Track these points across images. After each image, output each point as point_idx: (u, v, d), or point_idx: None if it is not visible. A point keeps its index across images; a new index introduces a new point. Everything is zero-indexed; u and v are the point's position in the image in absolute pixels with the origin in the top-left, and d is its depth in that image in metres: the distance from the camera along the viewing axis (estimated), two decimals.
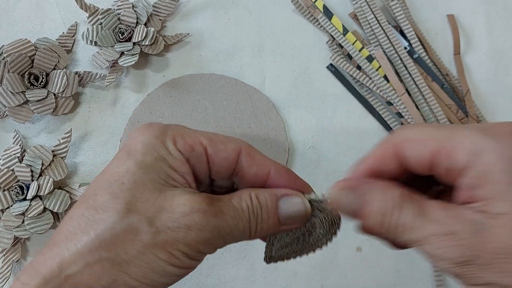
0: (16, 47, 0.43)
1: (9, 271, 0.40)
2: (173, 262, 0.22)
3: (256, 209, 0.24)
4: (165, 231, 0.22)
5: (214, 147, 0.25)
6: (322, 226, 0.26)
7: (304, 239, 0.26)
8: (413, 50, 0.46)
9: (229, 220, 0.23)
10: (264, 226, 0.25)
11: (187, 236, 0.22)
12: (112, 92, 0.45)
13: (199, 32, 0.47)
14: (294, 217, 0.25)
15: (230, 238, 0.24)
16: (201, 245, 0.23)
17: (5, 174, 0.40)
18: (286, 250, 0.26)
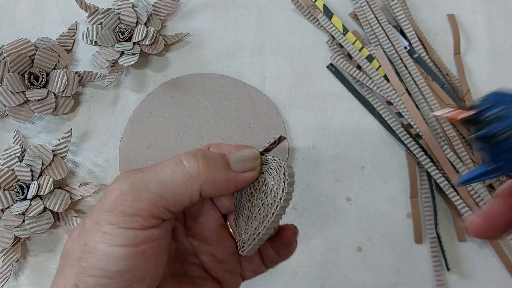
0: (16, 46, 0.43)
1: (9, 271, 0.40)
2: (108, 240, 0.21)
3: (196, 151, 0.24)
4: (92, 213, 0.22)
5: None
6: (270, 177, 0.24)
7: (263, 202, 0.24)
8: (413, 50, 0.46)
9: (147, 170, 0.23)
10: (210, 164, 0.23)
11: (104, 205, 0.22)
12: (112, 92, 0.45)
13: (199, 32, 0.47)
14: (244, 160, 0.25)
15: (155, 185, 0.22)
16: (119, 205, 0.21)
17: (5, 173, 0.40)
18: (253, 224, 0.24)
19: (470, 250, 0.41)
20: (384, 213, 0.42)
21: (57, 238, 0.42)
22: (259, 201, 0.24)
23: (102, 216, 0.22)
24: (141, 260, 0.22)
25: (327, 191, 0.43)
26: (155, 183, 0.22)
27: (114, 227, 0.21)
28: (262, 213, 0.24)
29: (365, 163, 0.44)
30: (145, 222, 0.22)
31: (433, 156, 0.43)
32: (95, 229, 0.21)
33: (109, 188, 0.22)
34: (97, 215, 0.22)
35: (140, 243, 0.22)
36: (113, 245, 0.21)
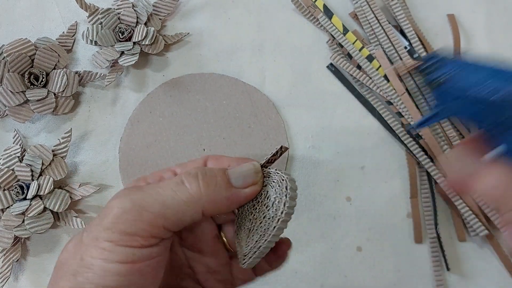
0: (16, 46, 0.43)
1: (9, 271, 0.40)
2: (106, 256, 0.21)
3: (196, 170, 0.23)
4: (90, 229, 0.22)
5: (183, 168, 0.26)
6: (273, 190, 0.24)
7: (265, 215, 0.24)
8: (413, 50, 0.46)
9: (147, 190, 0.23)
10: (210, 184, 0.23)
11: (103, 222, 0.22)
12: (112, 92, 0.45)
13: (199, 32, 0.47)
14: (246, 175, 0.24)
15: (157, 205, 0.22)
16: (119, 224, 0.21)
17: (5, 173, 0.40)
18: (254, 237, 0.24)
19: (470, 250, 0.41)
20: (384, 213, 0.42)
21: (57, 238, 0.42)
22: (260, 214, 0.24)
23: (100, 233, 0.22)
24: (137, 277, 0.22)
25: (327, 191, 0.43)
26: (156, 204, 0.22)
27: (113, 244, 0.21)
28: (264, 227, 0.24)
29: (365, 163, 0.44)
30: (144, 241, 0.22)
31: (433, 156, 0.43)
32: (92, 245, 0.21)
33: (109, 205, 0.22)
34: (96, 231, 0.22)
35: (138, 260, 0.22)
36: (111, 261, 0.21)
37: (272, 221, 0.23)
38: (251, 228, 0.24)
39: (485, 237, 0.41)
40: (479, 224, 0.40)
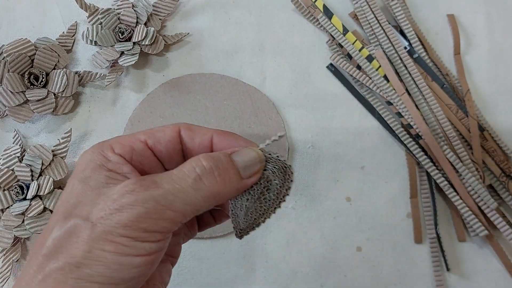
0: (16, 46, 0.43)
1: (9, 271, 0.40)
2: (122, 251, 0.21)
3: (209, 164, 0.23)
4: (100, 222, 0.21)
5: (153, 138, 0.26)
6: (275, 175, 0.26)
7: (265, 196, 0.26)
8: (413, 50, 0.46)
9: (166, 186, 0.22)
10: (226, 180, 0.24)
11: (120, 219, 0.21)
12: (112, 92, 0.45)
13: (199, 32, 0.47)
14: (251, 164, 0.25)
15: (179, 204, 0.22)
16: (141, 223, 0.21)
17: (5, 173, 0.40)
18: (253, 216, 0.26)
19: (470, 250, 0.41)
20: (384, 213, 0.42)
21: None
22: (260, 195, 0.26)
23: (116, 229, 0.21)
24: (149, 267, 0.22)
25: (327, 191, 0.43)
26: (178, 202, 0.22)
27: (130, 240, 0.21)
28: (264, 207, 0.26)
29: (365, 163, 0.44)
30: (162, 236, 0.22)
31: (433, 156, 0.43)
32: (104, 238, 0.21)
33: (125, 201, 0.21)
34: (108, 226, 0.21)
35: (153, 253, 0.22)
36: (127, 255, 0.21)
37: (273, 202, 0.26)
38: (249, 207, 0.26)
39: (485, 237, 0.41)
40: (479, 224, 0.40)
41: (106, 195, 0.22)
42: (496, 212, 0.41)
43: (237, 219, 0.26)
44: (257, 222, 0.26)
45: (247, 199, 0.26)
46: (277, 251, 0.42)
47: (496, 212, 0.41)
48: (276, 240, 0.42)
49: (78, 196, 0.23)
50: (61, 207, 0.23)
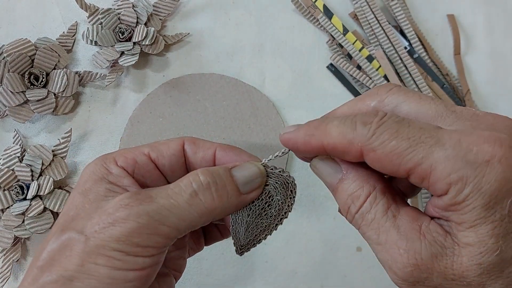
0: (16, 46, 0.43)
1: (9, 271, 0.40)
2: (115, 265, 0.21)
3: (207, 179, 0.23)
4: (93, 236, 0.21)
5: (156, 151, 0.25)
6: (277, 191, 0.25)
7: (266, 212, 0.25)
8: (413, 50, 0.46)
9: (161, 201, 0.22)
10: (223, 196, 0.23)
11: (113, 233, 0.21)
12: (112, 92, 0.45)
13: (199, 32, 0.47)
14: (251, 180, 0.24)
15: (173, 219, 0.22)
16: (134, 237, 0.21)
17: (5, 173, 0.40)
18: (254, 232, 0.26)
19: None
20: None
21: None
22: (261, 210, 0.25)
23: (109, 243, 0.21)
24: (143, 283, 0.22)
25: (326, 191, 0.43)
26: (172, 218, 0.22)
27: (123, 254, 0.21)
28: (265, 223, 0.25)
29: None
30: (155, 251, 0.22)
31: None
32: (96, 252, 0.21)
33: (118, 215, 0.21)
34: (100, 240, 0.21)
35: (147, 267, 0.22)
36: (119, 269, 0.21)
37: (275, 219, 0.25)
38: (249, 222, 0.25)
39: None
40: None
41: (102, 208, 0.22)
42: None
43: (238, 235, 0.26)
44: (258, 238, 0.26)
45: (248, 215, 0.25)
46: (277, 251, 0.42)
47: None
48: (275, 240, 0.42)
49: (77, 209, 0.23)
50: (60, 219, 0.23)
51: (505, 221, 0.18)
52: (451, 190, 0.18)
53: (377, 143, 0.20)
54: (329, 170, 0.23)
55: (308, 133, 0.23)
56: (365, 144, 0.20)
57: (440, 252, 0.19)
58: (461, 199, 0.18)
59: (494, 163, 0.18)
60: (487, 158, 0.18)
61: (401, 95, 0.22)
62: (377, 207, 0.21)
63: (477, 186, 0.18)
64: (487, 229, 0.18)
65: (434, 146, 0.19)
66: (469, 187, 0.18)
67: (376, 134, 0.20)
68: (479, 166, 0.18)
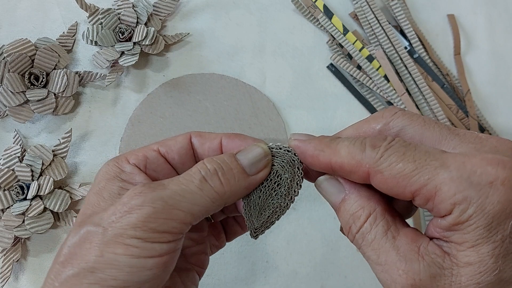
0: (16, 47, 0.43)
1: (9, 271, 0.40)
2: (133, 252, 0.21)
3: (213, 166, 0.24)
4: (111, 226, 0.22)
5: (165, 146, 0.26)
6: (284, 169, 0.25)
7: (276, 192, 0.26)
8: (414, 50, 0.46)
9: (173, 187, 0.23)
10: (231, 179, 0.24)
11: (130, 220, 0.21)
12: (113, 92, 0.45)
13: (200, 32, 0.47)
14: (257, 161, 0.25)
15: (187, 204, 0.22)
16: (151, 222, 0.21)
17: (6, 174, 0.40)
18: (266, 213, 0.26)
19: None
20: None
21: (57, 238, 0.42)
22: (271, 191, 0.26)
23: (126, 230, 0.21)
24: (162, 269, 0.22)
25: None
26: (185, 202, 0.23)
27: (141, 241, 0.21)
28: (276, 203, 0.26)
29: None
30: (172, 237, 0.22)
31: None
32: (115, 241, 0.21)
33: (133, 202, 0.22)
34: (118, 228, 0.21)
35: (165, 254, 0.22)
36: (138, 257, 0.21)
37: (285, 198, 0.26)
38: (261, 204, 0.26)
39: None
40: None
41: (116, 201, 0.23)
42: None
43: (251, 218, 0.26)
44: (271, 219, 0.26)
45: (259, 196, 0.26)
46: (277, 252, 0.42)
47: None
48: (276, 241, 0.42)
49: (93, 207, 0.24)
50: (78, 218, 0.24)
51: (506, 241, 0.19)
52: (455, 210, 0.19)
53: (385, 165, 0.21)
54: (333, 189, 0.24)
55: (318, 148, 0.24)
56: (373, 166, 0.21)
57: (438, 272, 0.20)
58: (465, 218, 0.19)
59: (497, 185, 0.19)
60: (490, 180, 0.19)
61: (405, 119, 0.23)
62: (377, 228, 0.22)
63: (480, 206, 0.19)
64: (488, 249, 0.19)
65: (439, 168, 0.19)
66: (473, 207, 0.19)
67: (384, 157, 0.21)
68: (482, 187, 0.19)
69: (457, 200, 0.19)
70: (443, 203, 0.19)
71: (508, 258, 0.19)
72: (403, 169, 0.20)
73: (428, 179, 0.20)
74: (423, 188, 0.20)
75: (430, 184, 0.19)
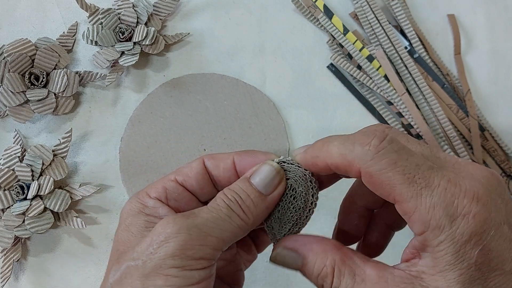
0: (16, 46, 0.43)
1: (9, 271, 0.40)
2: (173, 283, 0.22)
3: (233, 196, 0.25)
4: (149, 258, 0.22)
5: (181, 174, 0.27)
6: (298, 183, 0.26)
7: (293, 205, 0.26)
8: (414, 50, 0.46)
9: (204, 215, 0.23)
10: (250, 206, 0.25)
11: (168, 249, 0.22)
12: (113, 92, 0.45)
13: (200, 32, 0.47)
14: (270, 180, 0.25)
15: (218, 230, 0.23)
16: (188, 250, 0.22)
17: (6, 173, 0.40)
18: (286, 226, 0.26)
19: None
20: None
21: (58, 238, 0.42)
22: (289, 205, 0.26)
23: (165, 260, 0.22)
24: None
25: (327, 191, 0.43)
26: (217, 229, 0.23)
27: (179, 270, 0.22)
28: (295, 216, 0.26)
29: None
30: (207, 263, 0.23)
31: None
32: (155, 273, 0.22)
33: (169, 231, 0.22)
34: (157, 259, 0.22)
35: (202, 280, 0.22)
36: (179, 286, 0.22)
37: (303, 211, 0.26)
38: (281, 218, 0.26)
39: None
40: None
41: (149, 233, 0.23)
42: None
43: (273, 231, 0.27)
44: (292, 231, 0.27)
45: (278, 210, 0.26)
46: None
47: None
48: None
49: (124, 244, 0.24)
50: (112, 256, 0.25)
51: (471, 269, 0.20)
52: (428, 233, 0.21)
53: (374, 169, 0.21)
54: (289, 259, 0.25)
55: (313, 155, 0.25)
56: (363, 166, 0.22)
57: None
58: (435, 243, 0.20)
59: (469, 218, 0.20)
60: (464, 213, 0.20)
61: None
62: (345, 278, 0.23)
63: (451, 235, 0.20)
64: (454, 275, 0.20)
65: (424, 189, 0.21)
66: (444, 235, 0.20)
67: (375, 160, 0.22)
68: (456, 218, 0.20)
69: (431, 225, 0.20)
70: (418, 223, 0.21)
71: (474, 284, 0.20)
72: (391, 179, 0.21)
73: (411, 197, 0.21)
74: (404, 203, 0.21)
75: (412, 202, 0.21)
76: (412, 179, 0.21)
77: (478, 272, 0.20)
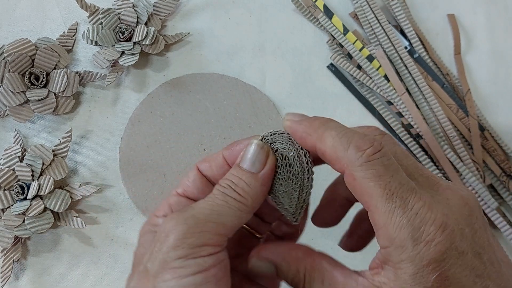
0: (16, 46, 0.43)
1: (9, 271, 0.40)
2: (180, 274, 0.22)
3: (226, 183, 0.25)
4: (155, 256, 0.23)
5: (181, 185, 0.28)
6: (287, 150, 0.26)
7: (292, 172, 0.26)
8: (414, 50, 0.46)
9: (201, 205, 0.24)
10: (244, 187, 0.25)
11: (169, 243, 0.22)
12: (113, 92, 0.45)
13: (200, 32, 0.47)
14: (255, 157, 0.26)
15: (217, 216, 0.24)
16: (187, 239, 0.22)
17: (6, 173, 0.40)
18: (294, 196, 0.26)
19: None
20: None
21: (58, 238, 0.42)
22: (288, 174, 0.26)
23: (168, 254, 0.22)
24: (213, 284, 0.22)
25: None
26: (216, 215, 0.24)
27: (183, 260, 0.22)
28: (298, 182, 0.26)
29: None
30: (212, 249, 0.23)
31: (434, 156, 0.43)
32: (161, 270, 0.22)
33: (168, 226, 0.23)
34: (161, 255, 0.22)
35: (210, 267, 0.22)
36: (186, 276, 0.22)
37: (303, 174, 0.26)
38: (286, 190, 0.26)
39: None
40: None
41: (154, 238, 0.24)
42: (496, 212, 0.41)
43: (284, 206, 0.27)
44: (302, 199, 0.27)
45: (280, 184, 0.26)
46: None
47: (496, 212, 0.41)
48: None
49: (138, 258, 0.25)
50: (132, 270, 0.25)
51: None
52: (391, 249, 0.21)
53: (359, 174, 0.22)
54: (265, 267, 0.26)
55: (307, 131, 0.25)
56: (349, 167, 0.22)
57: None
58: (397, 261, 0.21)
59: (431, 245, 0.21)
60: (427, 240, 0.21)
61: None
62: (315, 283, 0.24)
63: (411, 257, 0.21)
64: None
65: (397, 208, 0.21)
66: (405, 255, 0.21)
67: (363, 167, 0.22)
68: (418, 244, 0.21)
69: (395, 243, 0.21)
70: (383, 238, 0.22)
71: None
72: (371, 189, 0.22)
73: (383, 212, 0.22)
74: (376, 214, 0.22)
75: (383, 216, 0.22)
76: (390, 196, 0.22)
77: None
